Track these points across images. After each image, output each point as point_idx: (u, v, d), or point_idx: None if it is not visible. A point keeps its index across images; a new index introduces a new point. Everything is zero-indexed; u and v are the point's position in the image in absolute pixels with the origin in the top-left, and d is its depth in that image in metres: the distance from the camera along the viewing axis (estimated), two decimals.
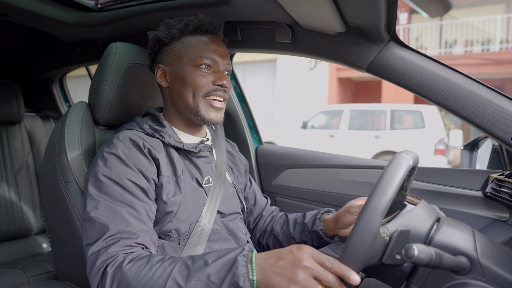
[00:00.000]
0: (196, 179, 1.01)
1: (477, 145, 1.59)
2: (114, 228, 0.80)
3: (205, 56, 0.98)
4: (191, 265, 0.73)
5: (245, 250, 0.72)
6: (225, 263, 0.71)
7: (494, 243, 0.78)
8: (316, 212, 1.16)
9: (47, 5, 1.36)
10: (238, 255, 0.71)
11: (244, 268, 0.69)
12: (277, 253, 0.70)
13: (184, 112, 1.02)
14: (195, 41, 1.00)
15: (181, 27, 1.00)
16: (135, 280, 0.72)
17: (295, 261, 0.66)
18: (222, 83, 0.98)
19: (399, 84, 1.10)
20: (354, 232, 0.66)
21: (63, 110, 2.27)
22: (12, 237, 1.89)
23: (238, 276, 0.68)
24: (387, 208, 0.66)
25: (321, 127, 8.51)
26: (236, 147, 1.29)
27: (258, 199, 1.27)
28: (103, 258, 0.77)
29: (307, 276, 0.65)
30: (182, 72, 0.99)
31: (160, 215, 0.93)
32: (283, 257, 0.68)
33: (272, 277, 0.67)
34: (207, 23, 1.00)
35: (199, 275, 0.70)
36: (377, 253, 0.70)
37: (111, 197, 0.84)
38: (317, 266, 0.66)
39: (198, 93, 0.98)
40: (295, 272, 0.65)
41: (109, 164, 0.88)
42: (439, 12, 0.85)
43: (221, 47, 1.02)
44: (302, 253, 0.67)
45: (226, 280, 0.69)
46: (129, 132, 0.96)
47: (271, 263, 0.69)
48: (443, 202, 1.27)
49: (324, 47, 1.21)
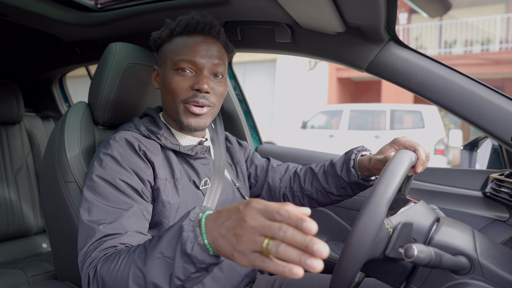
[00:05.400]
0: (194, 181, 1.00)
1: (476, 145, 1.59)
2: (100, 232, 0.79)
3: (184, 59, 0.93)
4: (148, 245, 0.68)
5: (191, 214, 0.65)
6: (173, 234, 0.65)
7: (494, 243, 0.78)
8: (346, 159, 1.06)
9: (47, 5, 1.36)
10: (183, 221, 0.64)
11: (190, 233, 0.62)
12: (227, 211, 0.60)
13: (171, 115, 1.00)
14: (180, 42, 0.95)
15: (171, 28, 0.97)
16: (107, 276, 0.71)
17: (239, 221, 0.56)
18: (200, 87, 0.91)
19: (399, 84, 1.10)
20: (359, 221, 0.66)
21: (63, 110, 2.27)
22: (12, 237, 1.89)
23: (185, 243, 0.61)
24: (392, 198, 0.67)
25: (321, 127, 8.51)
26: (231, 136, 1.24)
27: (258, 167, 1.22)
28: (88, 262, 0.77)
29: (251, 237, 0.54)
30: (164, 76, 0.97)
31: (158, 218, 0.92)
32: (230, 217, 0.59)
33: (219, 240, 0.59)
34: (194, 22, 0.95)
35: (154, 253, 0.66)
36: (380, 245, 0.71)
37: (104, 198, 0.84)
38: (263, 222, 0.54)
39: (176, 98, 0.94)
40: (238, 235, 0.56)
41: (104, 165, 0.88)
42: (439, 12, 0.86)
43: (210, 47, 0.95)
44: (248, 211, 0.56)
45: (177, 251, 0.63)
46: (125, 133, 0.95)
47: (218, 223, 0.60)
48: (443, 202, 1.27)
49: (324, 47, 1.21)
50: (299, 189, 1.16)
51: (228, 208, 0.61)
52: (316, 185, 1.12)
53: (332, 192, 1.10)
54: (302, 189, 1.15)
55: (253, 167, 1.23)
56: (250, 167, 1.23)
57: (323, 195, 1.12)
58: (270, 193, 1.20)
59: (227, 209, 0.61)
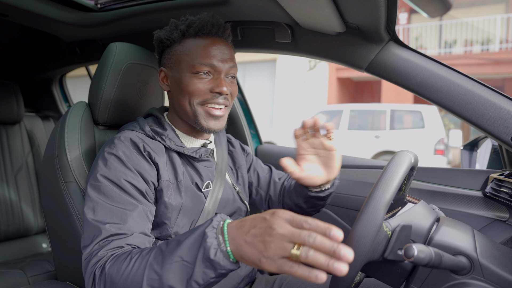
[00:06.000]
0: (196, 183, 1.00)
1: (476, 145, 1.59)
2: (106, 231, 0.79)
3: (203, 63, 0.93)
4: (165, 248, 0.70)
5: (214, 221, 0.68)
6: (195, 239, 0.67)
7: (494, 243, 0.78)
8: None
9: (47, 5, 1.36)
10: (206, 228, 0.67)
11: (214, 240, 0.65)
12: (251, 220, 0.64)
13: (184, 118, 1.00)
14: (194, 45, 0.95)
15: (182, 29, 0.96)
16: (117, 277, 0.71)
17: (267, 229, 0.60)
18: (221, 90, 0.93)
19: (399, 84, 1.10)
20: (357, 224, 0.66)
21: (63, 110, 2.27)
22: (12, 237, 1.89)
23: (209, 249, 0.64)
24: (390, 201, 0.67)
25: None
26: (234, 139, 1.25)
27: (260, 178, 1.24)
28: (94, 261, 0.77)
29: (280, 243, 0.58)
30: (180, 78, 0.96)
31: (160, 219, 0.92)
32: (256, 225, 0.63)
33: (244, 247, 0.62)
34: (209, 25, 0.95)
35: (173, 257, 0.67)
36: (379, 247, 0.71)
37: (109, 198, 0.84)
38: (292, 230, 0.59)
39: (193, 101, 0.95)
40: (267, 242, 0.59)
41: (109, 165, 0.87)
42: (439, 12, 0.86)
43: (224, 50, 0.96)
44: (275, 220, 0.60)
45: (199, 256, 0.65)
46: (130, 133, 0.95)
47: (243, 231, 0.63)
48: (442, 202, 1.27)
49: (324, 47, 1.21)
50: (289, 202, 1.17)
51: (251, 217, 0.65)
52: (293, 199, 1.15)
53: (301, 206, 1.12)
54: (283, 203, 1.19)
55: (255, 176, 1.24)
56: (253, 176, 1.24)
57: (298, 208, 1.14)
58: (269, 206, 1.24)
59: (250, 219, 0.65)
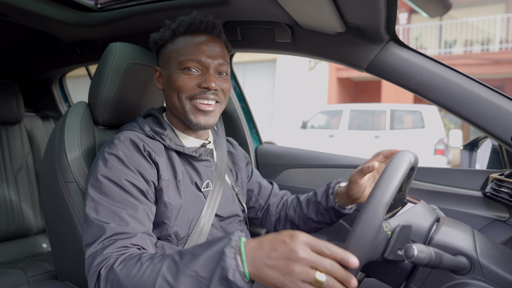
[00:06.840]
0: (196, 183, 1.00)
1: (476, 145, 1.59)
2: (111, 230, 0.80)
3: (191, 59, 0.94)
4: (179, 260, 0.70)
5: (232, 241, 0.68)
6: (212, 256, 0.67)
7: (494, 243, 0.78)
8: (326, 188, 1.15)
9: (47, 5, 1.36)
10: (225, 247, 0.67)
11: (232, 261, 0.65)
12: (270, 242, 0.66)
13: (177, 114, 1.00)
14: (184, 42, 0.96)
15: (173, 28, 0.98)
16: (126, 281, 0.72)
17: (289, 253, 0.62)
18: (209, 85, 0.94)
19: (399, 84, 1.10)
20: (357, 225, 0.65)
21: (63, 110, 2.27)
22: (12, 237, 1.89)
23: (227, 270, 0.65)
24: (390, 201, 0.67)
25: (321, 127, 8.51)
26: (236, 144, 1.28)
27: (262, 187, 1.27)
28: (99, 260, 0.77)
29: (303, 268, 0.61)
30: (170, 75, 0.97)
31: (160, 219, 0.92)
32: (276, 248, 0.64)
33: (265, 270, 0.64)
34: (197, 22, 0.96)
35: (188, 271, 0.68)
36: (379, 247, 0.70)
37: (110, 198, 0.84)
38: (313, 256, 0.62)
39: (182, 95, 0.95)
40: (290, 266, 0.62)
41: (109, 165, 0.88)
42: (439, 12, 0.86)
43: (213, 46, 0.97)
44: (296, 244, 0.63)
45: (216, 274, 0.65)
46: (130, 133, 0.95)
47: (263, 254, 0.65)
48: (442, 202, 1.27)
49: (324, 47, 1.21)
50: (284, 215, 1.24)
51: (268, 239, 0.67)
52: (298, 211, 1.20)
53: (311, 218, 1.17)
54: (286, 215, 1.23)
55: (257, 185, 1.27)
56: (254, 184, 1.26)
57: (304, 221, 1.19)
58: (266, 216, 1.27)
59: (268, 240, 0.67)
